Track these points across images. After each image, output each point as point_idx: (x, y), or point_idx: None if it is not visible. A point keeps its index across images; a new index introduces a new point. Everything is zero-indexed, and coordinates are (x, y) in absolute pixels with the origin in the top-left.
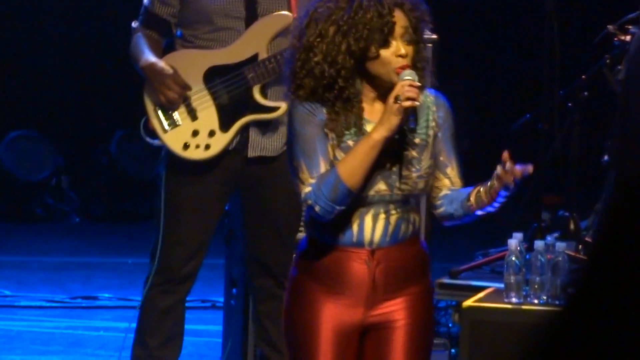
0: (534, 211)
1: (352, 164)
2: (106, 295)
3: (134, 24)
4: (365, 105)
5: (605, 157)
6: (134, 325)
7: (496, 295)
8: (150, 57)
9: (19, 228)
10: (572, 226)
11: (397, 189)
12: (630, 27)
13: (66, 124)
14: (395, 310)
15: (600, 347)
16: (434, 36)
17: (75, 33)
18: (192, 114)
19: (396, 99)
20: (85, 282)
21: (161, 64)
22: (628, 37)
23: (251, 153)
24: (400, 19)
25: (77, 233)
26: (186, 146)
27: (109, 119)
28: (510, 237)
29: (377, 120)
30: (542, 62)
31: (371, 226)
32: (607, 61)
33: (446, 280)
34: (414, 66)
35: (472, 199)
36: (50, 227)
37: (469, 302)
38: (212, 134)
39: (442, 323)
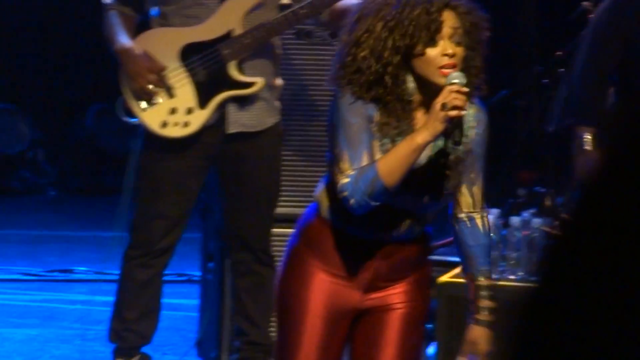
0: (510, 187)
1: (393, 163)
2: (82, 268)
3: (107, 0)
4: (417, 113)
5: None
6: (100, 298)
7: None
8: (125, 41)
9: None
10: (548, 202)
11: (427, 197)
12: None
13: (42, 97)
14: (393, 294)
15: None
16: None
17: (51, 4)
18: (169, 92)
19: (443, 106)
20: (61, 256)
21: (135, 50)
22: None
23: (230, 129)
24: (450, 20)
25: (54, 206)
26: (164, 124)
27: (86, 92)
28: (487, 212)
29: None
30: (519, 38)
31: (388, 222)
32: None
33: None
34: (462, 70)
35: (471, 286)
36: (26, 200)
37: (445, 278)
38: (190, 111)
39: None
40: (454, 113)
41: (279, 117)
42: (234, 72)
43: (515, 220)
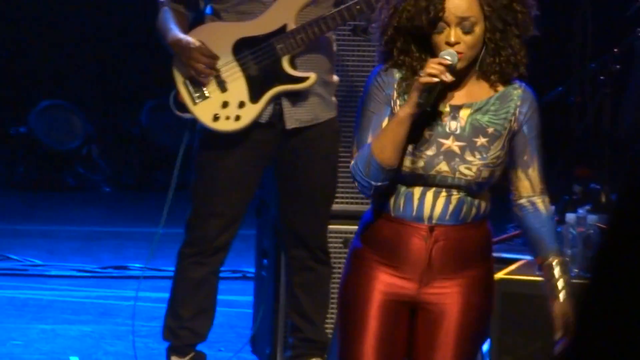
0: (566, 184)
1: (383, 139)
2: (137, 265)
3: None
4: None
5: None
6: (157, 294)
7: (528, 267)
8: (177, 33)
9: (49, 197)
10: (603, 199)
11: (459, 172)
12: None
13: (97, 94)
14: (450, 293)
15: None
16: None
17: (107, 2)
18: (222, 86)
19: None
20: (116, 252)
21: (188, 38)
22: None
23: (289, 125)
24: (456, 6)
25: (108, 203)
26: (216, 118)
27: (140, 89)
28: None
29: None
30: (574, 35)
31: (431, 202)
32: (639, 34)
33: None
34: (491, 54)
35: (543, 267)
36: (81, 196)
37: (501, 275)
38: (242, 105)
39: None
40: (424, 79)
41: (335, 113)
42: (287, 67)
43: (570, 217)
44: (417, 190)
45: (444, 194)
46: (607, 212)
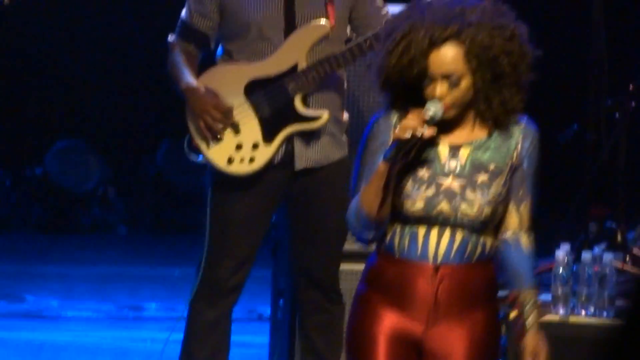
0: (582, 222)
1: (368, 192)
2: (153, 305)
3: (171, 38)
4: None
5: None
6: (173, 336)
7: (543, 307)
8: (190, 80)
9: (65, 239)
10: (619, 237)
11: (461, 212)
12: None
13: (113, 135)
14: (456, 334)
15: None
16: None
17: (122, 44)
18: (235, 128)
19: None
20: (131, 293)
21: (201, 89)
22: None
23: (299, 165)
24: (442, 63)
25: (124, 244)
26: (230, 160)
27: (156, 130)
28: (558, 248)
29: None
30: (589, 71)
31: (436, 241)
32: None
33: None
34: (483, 102)
35: (517, 301)
36: (96, 237)
37: (515, 314)
38: (255, 146)
39: None
40: (396, 133)
41: (346, 152)
42: (299, 106)
43: (586, 255)
44: (422, 230)
45: (447, 232)
46: (627, 254)
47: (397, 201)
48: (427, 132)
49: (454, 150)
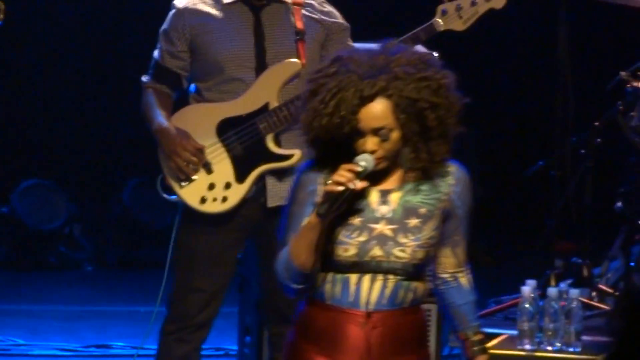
0: (547, 258)
1: (298, 244)
2: (119, 344)
3: (144, 79)
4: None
5: (619, 204)
6: None
7: (510, 342)
8: (162, 121)
9: (31, 277)
10: (585, 273)
11: (394, 256)
12: None
13: (79, 173)
14: None
15: None
16: None
17: (89, 82)
18: (207, 168)
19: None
20: (98, 331)
21: (173, 130)
22: None
23: (270, 203)
24: (372, 118)
25: (91, 281)
26: (203, 200)
27: (122, 168)
28: (524, 284)
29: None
30: (555, 109)
31: (368, 287)
32: (620, 108)
33: None
34: (412, 155)
35: (465, 343)
36: (63, 275)
37: None
38: (228, 186)
39: None
40: (328, 187)
41: None
42: (271, 145)
43: (552, 291)
44: (354, 277)
45: (380, 278)
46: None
47: (328, 249)
48: (359, 185)
49: (384, 195)
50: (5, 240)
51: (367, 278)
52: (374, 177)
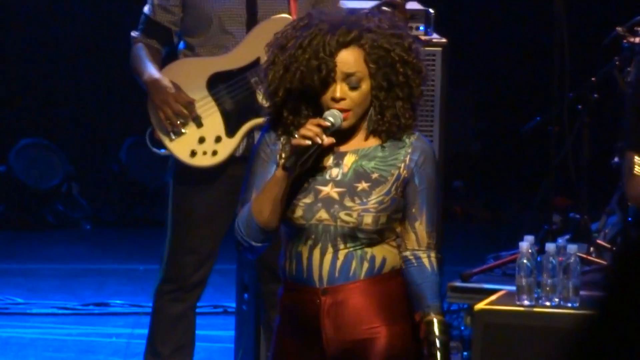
0: (545, 214)
1: (261, 200)
2: (118, 301)
3: (134, 33)
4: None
5: (616, 159)
6: (137, 331)
7: (508, 297)
8: (153, 72)
9: (30, 236)
10: (582, 228)
11: (340, 220)
12: (639, 28)
13: (76, 132)
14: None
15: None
16: (444, 40)
17: (85, 41)
18: (197, 121)
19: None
20: (97, 289)
21: (165, 81)
22: (637, 39)
23: None
24: (345, 62)
25: (89, 240)
26: (193, 153)
27: (119, 126)
28: (522, 239)
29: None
30: (552, 65)
31: (319, 261)
32: (617, 63)
33: (458, 284)
34: (378, 111)
35: (422, 324)
36: (61, 234)
37: (481, 305)
38: (218, 139)
39: (454, 326)
40: (295, 141)
41: None
42: (262, 100)
43: (550, 246)
44: (305, 249)
45: (330, 250)
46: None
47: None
48: (327, 140)
49: (339, 157)
50: (3, 199)
51: (317, 250)
52: (337, 139)
